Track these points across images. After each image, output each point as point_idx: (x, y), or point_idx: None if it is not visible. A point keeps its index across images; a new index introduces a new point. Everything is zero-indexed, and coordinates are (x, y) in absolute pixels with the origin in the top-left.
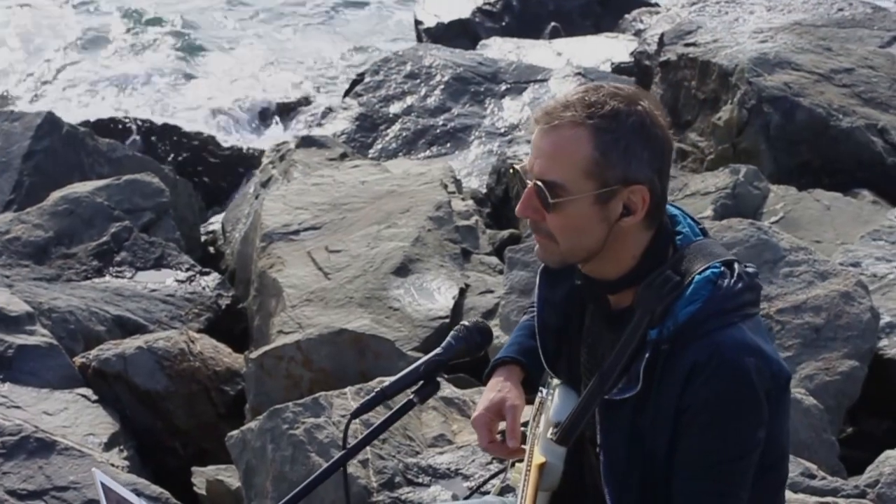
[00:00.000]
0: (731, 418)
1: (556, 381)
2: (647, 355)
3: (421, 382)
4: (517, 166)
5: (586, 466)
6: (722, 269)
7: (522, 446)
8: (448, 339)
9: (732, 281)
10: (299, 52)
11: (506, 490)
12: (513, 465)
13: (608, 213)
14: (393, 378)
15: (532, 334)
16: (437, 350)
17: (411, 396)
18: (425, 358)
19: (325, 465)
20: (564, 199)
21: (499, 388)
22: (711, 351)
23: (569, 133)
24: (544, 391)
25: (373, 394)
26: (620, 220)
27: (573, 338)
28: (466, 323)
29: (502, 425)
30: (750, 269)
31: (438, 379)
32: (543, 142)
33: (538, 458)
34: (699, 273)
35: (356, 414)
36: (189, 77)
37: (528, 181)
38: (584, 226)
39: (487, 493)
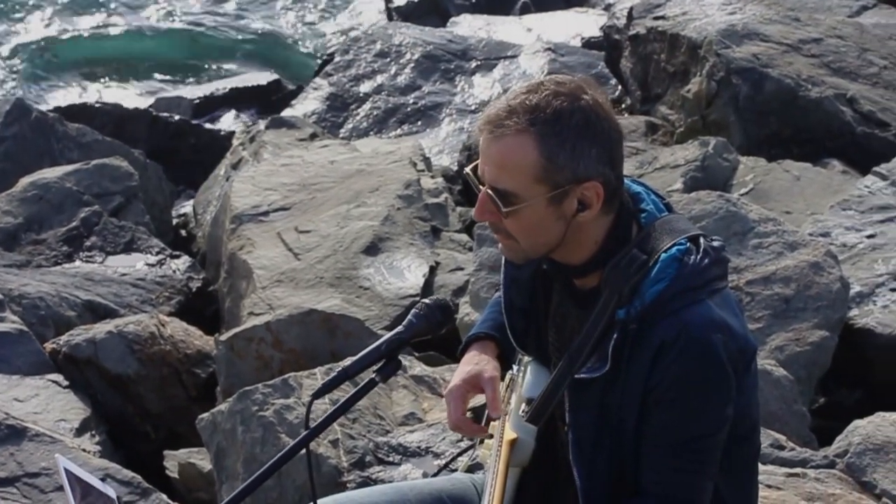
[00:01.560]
0: (699, 396)
1: (526, 359)
2: (615, 335)
3: (383, 361)
4: (468, 170)
5: (558, 443)
6: (687, 245)
7: (492, 423)
8: (409, 317)
9: (698, 257)
10: (269, 32)
11: (474, 467)
12: (481, 442)
13: (564, 211)
14: (355, 357)
15: None
16: (399, 328)
17: (373, 375)
18: (386, 336)
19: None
20: (518, 206)
21: (475, 361)
22: (679, 329)
23: (514, 141)
24: (515, 368)
25: (334, 374)
26: (577, 216)
27: (541, 317)
28: (427, 301)
29: (476, 400)
30: (716, 243)
31: (401, 357)
32: (490, 150)
33: (509, 434)
34: (665, 251)
35: (318, 394)
36: (157, 60)
37: (481, 187)
38: (541, 226)
39: (455, 470)
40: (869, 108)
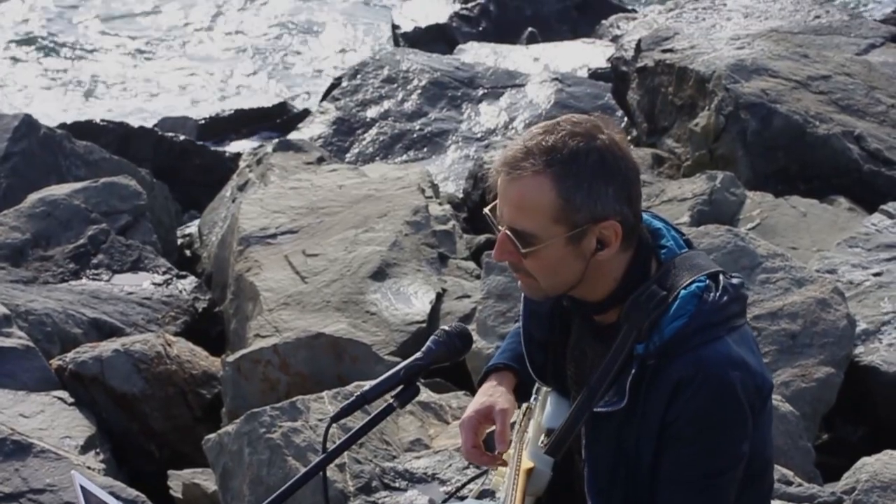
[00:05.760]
0: (716, 432)
1: (545, 388)
2: (633, 370)
3: (401, 387)
4: (487, 211)
5: (574, 475)
6: (707, 282)
7: (508, 453)
8: (428, 343)
9: (717, 294)
10: (276, 55)
11: (484, 494)
12: (495, 468)
13: (583, 250)
14: (373, 382)
15: None
16: (418, 354)
17: (391, 401)
18: (405, 362)
19: (303, 469)
20: (536, 246)
21: (490, 392)
22: (697, 366)
23: (531, 183)
24: (533, 397)
25: (352, 398)
26: (596, 255)
27: (559, 350)
28: (447, 328)
29: (490, 430)
30: (735, 280)
31: (417, 384)
32: (508, 191)
33: (526, 464)
34: (684, 287)
35: (336, 418)
36: (166, 82)
37: (500, 227)
38: (560, 265)
39: (465, 497)
40: (876, 146)
